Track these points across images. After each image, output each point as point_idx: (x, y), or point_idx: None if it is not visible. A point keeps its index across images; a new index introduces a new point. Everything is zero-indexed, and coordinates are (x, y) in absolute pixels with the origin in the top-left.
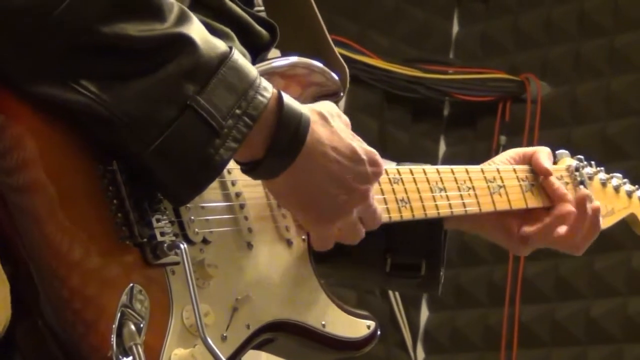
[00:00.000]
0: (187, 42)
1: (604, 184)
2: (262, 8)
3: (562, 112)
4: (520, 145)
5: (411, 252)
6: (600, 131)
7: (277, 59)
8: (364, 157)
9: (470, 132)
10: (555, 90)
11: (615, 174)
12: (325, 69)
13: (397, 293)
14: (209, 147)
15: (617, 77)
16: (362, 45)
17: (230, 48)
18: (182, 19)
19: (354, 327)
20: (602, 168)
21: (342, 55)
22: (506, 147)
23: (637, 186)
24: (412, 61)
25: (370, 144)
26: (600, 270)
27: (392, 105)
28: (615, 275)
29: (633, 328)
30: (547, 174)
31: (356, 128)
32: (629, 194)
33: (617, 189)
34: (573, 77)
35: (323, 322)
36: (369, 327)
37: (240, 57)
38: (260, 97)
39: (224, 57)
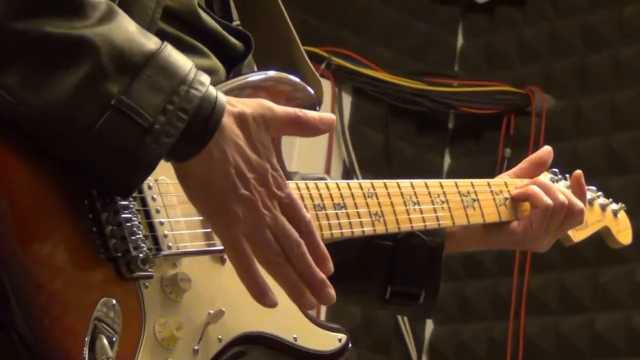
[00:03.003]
0: (102, 41)
1: (603, 208)
2: (238, 22)
3: (566, 124)
4: (524, 157)
5: (412, 281)
6: (605, 144)
7: (252, 74)
8: (268, 165)
9: (475, 144)
10: (560, 103)
11: (589, 187)
12: (301, 82)
13: None
14: (139, 145)
15: (622, 89)
16: (366, 58)
17: (161, 46)
18: (106, 17)
19: (326, 340)
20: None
21: (347, 69)
22: (511, 160)
23: (610, 200)
24: (416, 74)
25: (375, 157)
26: (605, 283)
27: (396, 118)
28: (619, 288)
29: (638, 341)
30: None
31: (361, 141)
32: (603, 208)
33: (591, 202)
34: (578, 90)
35: (295, 335)
36: (340, 340)
37: (171, 54)
38: (193, 91)
39: (150, 56)
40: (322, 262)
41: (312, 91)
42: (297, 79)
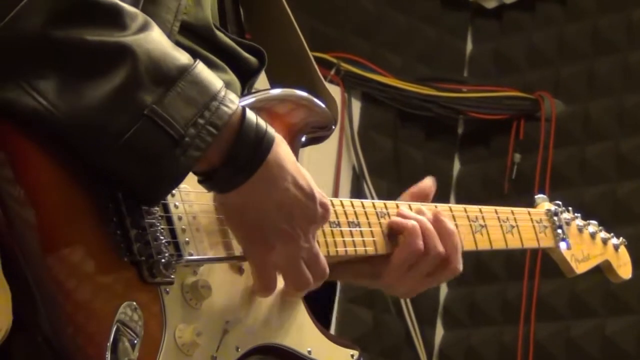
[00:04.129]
0: (139, 50)
1: (580, 229)
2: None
3: (576, 129)
4: (534, 163)
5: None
6: (614, 148)
7: (272, 90)
8: (317, 196)
9: (484, 150)
10: (569, 108)
11: (591, 221)
12: (317, 101)
13: (412, 311)
14: (167, 155)
15: (631, 94)
16: (375, 64)
17: (194, 61)
18: (143, 28)
19: (339, 355)
20: (579, 214)
21: (356, 74)
22: (520, 165)
23: (612, 234)
24: (425, 79)
25: (384, 162)
26: (615, 288)
27: (406, 124)
28: (630, 293)
29: None
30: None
31: (370, 147)
32: (604, 241)
33: (593, 235)
34: (587, 95)
35: (309, 349)
36: (352, 356)
37: (203, 70)
38: (224, 108)
39: (184, 70)
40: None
41: (327, 110)
42: (313, 99)
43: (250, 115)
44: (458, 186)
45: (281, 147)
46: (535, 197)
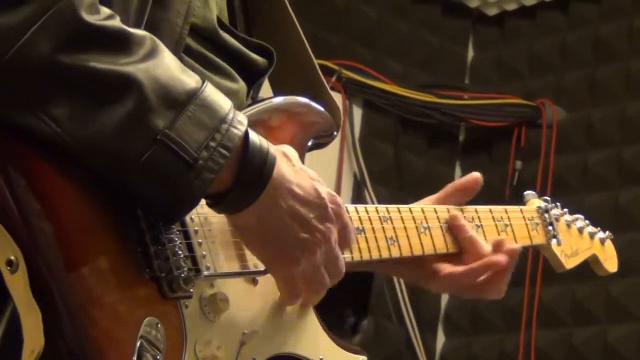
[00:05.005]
0: (146, 77)
1: (569, 225)
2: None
3: (577, 137)
4: (535, 170)
5: (339, 308)
6: (616, 156)
7: (271, 100)
8: (325, 197)
9: (485, 157)
10: (570, 115)
11: (578, 216)
12: (319, 107)
13: (413, 318)
14: (183, 179)
15: (633, 101)
16: (377, 71)
17: (202, 83)
18: (151, 53)
19: None
20: (567, 210)
21: (357, 81)
22: (522, 172)
23: (598, 228)
24: (427, 87)
25: (385, 169)
26: (616, 295)
27: (407, 131)
28: (632, 300)
29: None
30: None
31: (371, 154)
32: (591, 236)
33: (580, 230)
34: (588, 102)
35: (321, 357)
36: None
37: (212, 93)
38: (234, 130)
39: (193, 94)
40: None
41: (329, 116)
42: (316, 105)
43: (253, 136)
44: None
45: (283, 160)
46: (525, 193)
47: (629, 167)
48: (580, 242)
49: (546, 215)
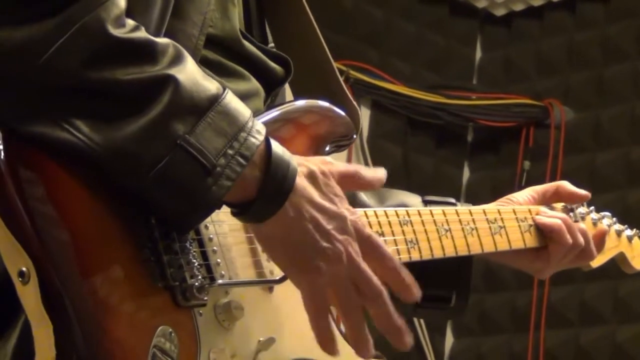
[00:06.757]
0: (172, 83)
1: (595, 223)
2: (273, 45)
3: (585, 137)
4: (544, 170)
5: (443, 285)
6: (624, 156)
7: (293, 103)
8: (344, 210)
9: (494, 157)
10: (578, 116)
11: (605, 214)
12: (339, 111)
13: (421, 319)
14: (201, 184)
15: None
16: (384, 71)
17: (223, 90)
18: (175, 60)
19: None
20: (593, 208)
21: (365, 82)
22: (530, 173)
23: (626, 226)
24: (435, 87)
25: (393, 170)
26: (625, 295)
27: (415, 132)
28: None
29: None
30: (587, 197)
31: (379, 155)
32: (618, 234)
33: (608, 229)
34: (597, 102)
35: None
36: None
37: (232, 100)
38: (252, 139)
39: (214, 100)
40: (409, 290)
41: (349, 119)
42: (335, 109)
43: (276, 146)
44: (468, 194)
45: (303, 174)
46: None
47: (637, 167)
48: (607, 240)
49: (572, 214)
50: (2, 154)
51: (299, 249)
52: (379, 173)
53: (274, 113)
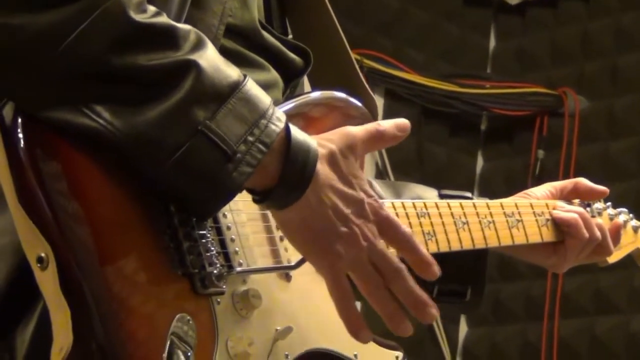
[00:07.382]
0: (194, 68)
1: (611, 219)
2: (291, 36)
3: (599, 126)
4: (557, 159)
5: (459, 279)
6: (638, 144)
7: (309, 94)
8: (363, 193)
9: (507, 146)
10: (592, 104)
11: (622, 209)
12: (356, 102)
13: None
14: (222, 170)
15: None
16: (398, 60)
17: (244, 77)
18: (197, 46)
19: (384, 357)
20: (610, 203)
21: (379, 71)
22: (544, 162)
23: None
24: (449, 76)
25: (407, 159)
26: (639, 285)
27: (429, 120)
28: None
29: None
30: (605, 193)
31: None
32: (635, 230)
33: (624, 224)
34: (611, 91)
35: (355, 353)
36: (397, 357)
37: (252, 87)
38: (272, 126)
39: (235, 87)
40: (429, 268)
41: (367, 111)
42: (352, 99)
43: (296, 132)
44: (481, 183)
45: (325, 158)
46: None
47: None
48: (624, 235)
49: (588, 209)
50: (22, 141)
51: (319, 234)
52: (399, 122)
53: (289, 105)
